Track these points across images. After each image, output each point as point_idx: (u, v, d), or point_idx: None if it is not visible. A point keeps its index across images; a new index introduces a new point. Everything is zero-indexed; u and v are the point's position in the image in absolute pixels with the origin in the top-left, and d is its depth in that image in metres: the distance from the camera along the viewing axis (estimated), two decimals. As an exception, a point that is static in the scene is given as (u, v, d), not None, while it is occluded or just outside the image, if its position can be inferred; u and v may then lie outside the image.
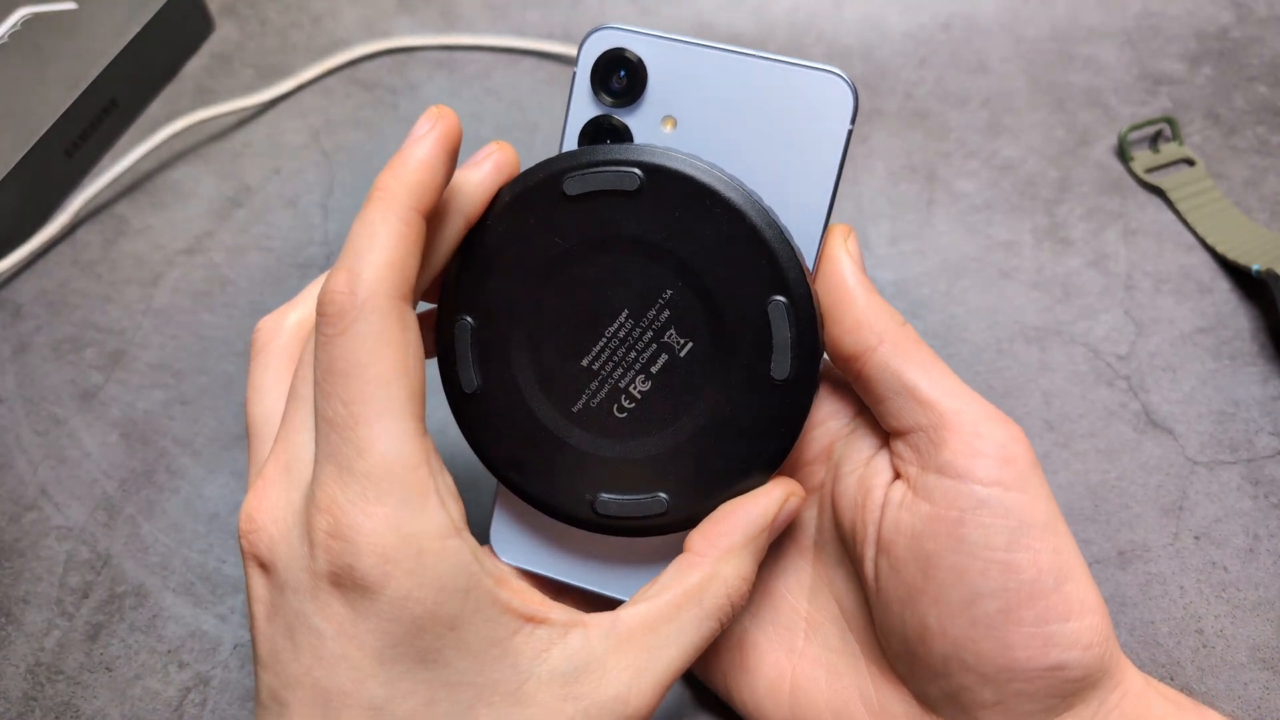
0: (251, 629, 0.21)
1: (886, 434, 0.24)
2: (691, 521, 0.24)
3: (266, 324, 0.23)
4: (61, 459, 0.35)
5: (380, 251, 0.20)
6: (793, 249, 0.23)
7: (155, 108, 0.46)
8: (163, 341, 0.38)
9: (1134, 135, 0.43)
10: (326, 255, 0.41)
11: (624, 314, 0.24)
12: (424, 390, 0.20)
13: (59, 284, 0.40)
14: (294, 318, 0.23)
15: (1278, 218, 0.40)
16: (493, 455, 0.25)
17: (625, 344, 0.24)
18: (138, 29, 0.44)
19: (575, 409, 0.24)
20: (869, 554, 0.23)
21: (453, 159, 0.22)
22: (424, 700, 0.19)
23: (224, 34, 0.49)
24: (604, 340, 0.24)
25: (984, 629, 0.20)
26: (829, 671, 0.24)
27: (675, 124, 0.24)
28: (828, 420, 0.25)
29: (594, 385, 0.24)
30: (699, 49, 0.24)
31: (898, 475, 0.23)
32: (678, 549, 0.24)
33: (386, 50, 0.48)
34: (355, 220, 0.21)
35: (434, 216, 0.22)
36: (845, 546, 0.25)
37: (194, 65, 0.48)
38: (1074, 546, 0.21)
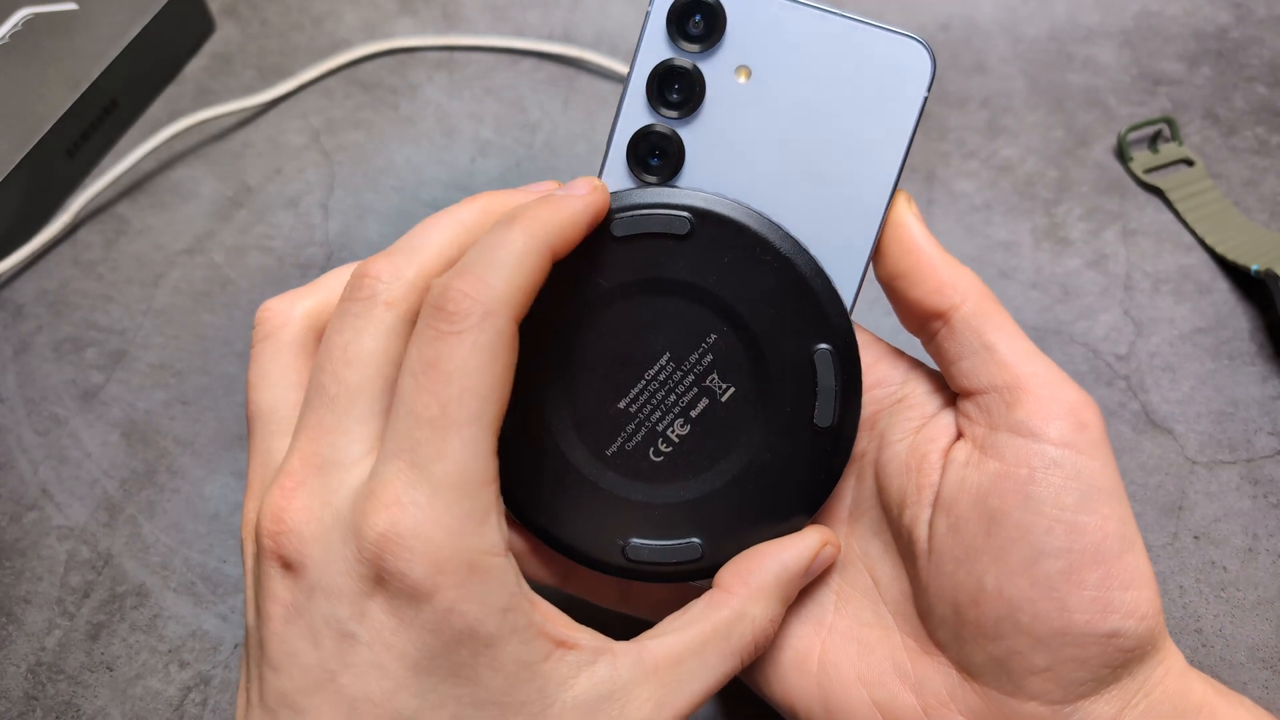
0: (261, 630, 0.20)
1: (951, 396, 0.24)
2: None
3: (274, 308, 0.23)
4: (62, 459, 0.35)
5: (515, 270, 0.20)
6: (838, 296, 0.23)
7: (156, 108, 0.46)
8: (164, 342, 0.38)
9: (1133, 135, 0.43)
10: (327, 255, 0.41)
11: (665, 356, 0.23)
12: (502, 407, 0.20)
13: (60, 284, 0.40)
14: (304, 306, 0.23)
15: (1277, 218, 0.40)
16: (519, 499, 0.24)
17: (665, 387, 0.23)
18: (138, 29, 0.44)
19: (609, 451, 0.24)
20: (924, 515, 0.23)
21: (588, 229, 0.22)
22: (451, 716, 0.19)
23: (225, 34, 0.49)
24: (644, 382, 0.24)
25: (1044, 589, 0.20)
26: (860, 644, 0.24)
27: (750, 74, 0.23)
28: (873, 389, 0.25)
29: (630, 428, 0.24)
30: (773, 1, 0.23)
31: (960, 436, 0.23)
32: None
33: (387, 51, 0.48)
34: (490, 235, 0.20)
35: None
36: (889, 513, 0.24)
37: (195, 66, 0.48)
38: (1134, 520, 0.22)
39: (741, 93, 0.23)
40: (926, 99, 0.23)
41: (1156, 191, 0.41)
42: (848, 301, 0.24)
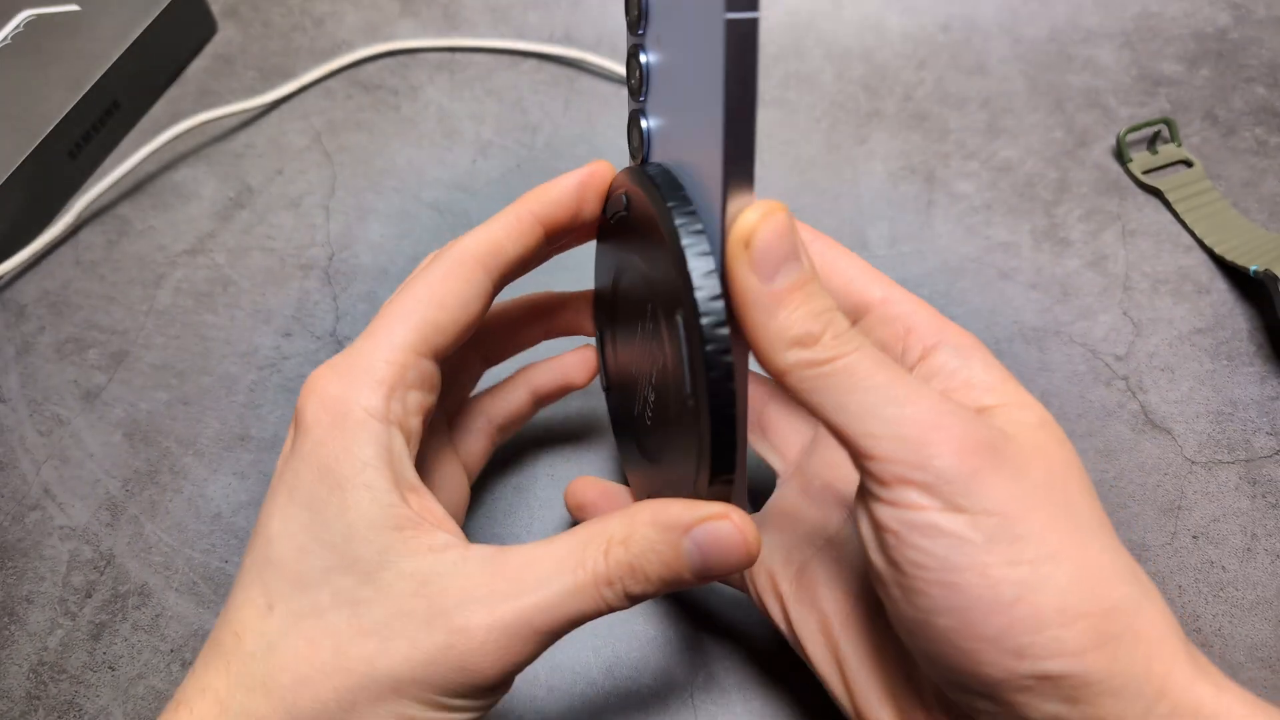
0: None
1: None
2: None
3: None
4: (65, 459, 0.35)
5: (492, 229, 0.25)
6: (684, 257, 0.21)
7: (158, 109, 0.46)
8: (165, 342, 0.38)
9: (1132, 136, 0.43)
10: (329, 256, 0.41)
11: (639, 327, 0.25)
12: (450, 328, 0.24)
13: (62, 285, 0.40)
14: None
15: (1275, 218, 0.40)
16: (619, 442, 0.31)
17: (644, 355, 0.25)
18: (140, 30, 0.45)
19: (635, 412, 0.27)
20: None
21: (588, 198, 0.26)
22: (298, 546, 0.21)
23: (226, 36, 0.49)
24: (636, 352, 0.26)
25: (945, 646, 0.20)
26: (879, 632, 0.24)
27: (660, 43, 0.23)
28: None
29: (639, 393, 0.26)
30: None
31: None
32: None
33: (388, 52, 0.48)
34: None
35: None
36: None
37: (197, 67, 0.48)
38: (1049, 547, 0.19)
39: (661, 65, 0.23)
40: (734, 22, 0.20)
41: (1155, 192, 0.41)
42: (713, 265, 0.21)
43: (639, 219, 0.23)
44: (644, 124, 0.24)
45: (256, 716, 0.21)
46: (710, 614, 0.31)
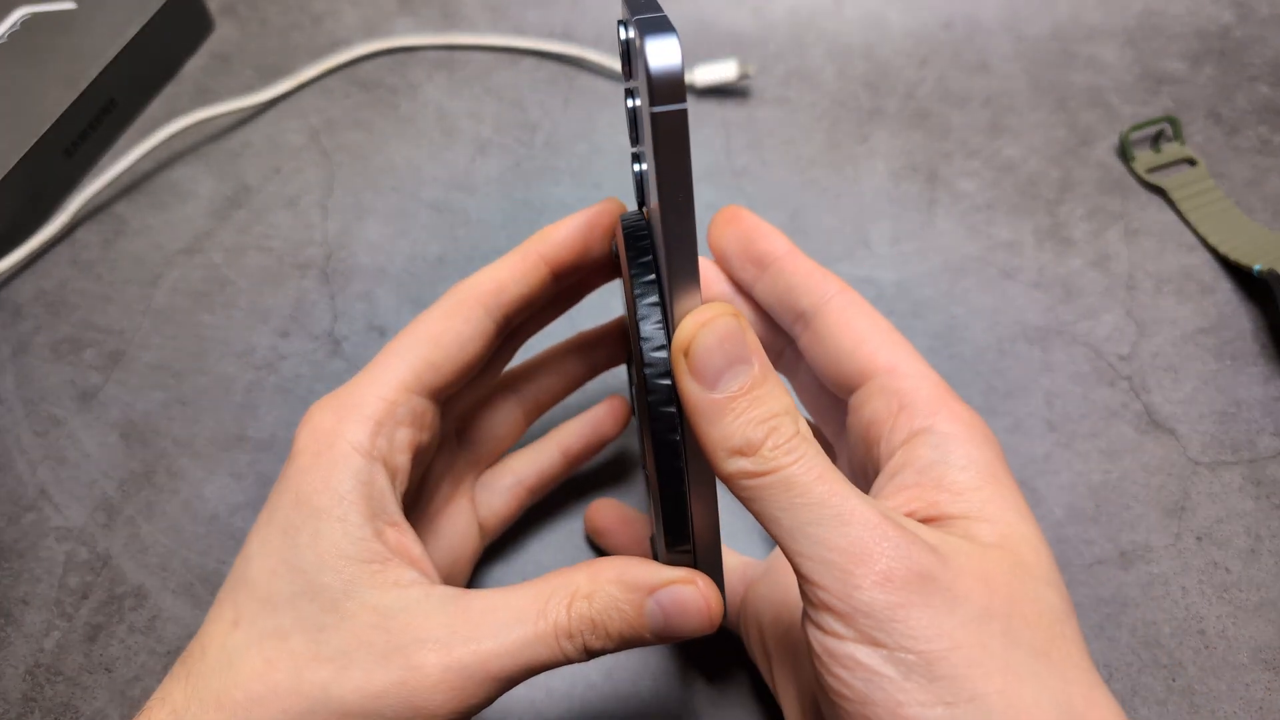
0: None
1: None
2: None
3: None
4: (61, 460, 0.35)
5: (492, 269, 0.25)
6: (641, 331, 0.20)
7: (155, 107, 0.46)
8: (162, 342, 0.38)
9: (1135, 135, 0.42)
10: (326, 255, 0.41)
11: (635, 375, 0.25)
12: (446, 368, 0.24)
13: (58, 284, 0.40)
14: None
15: (1279, 217, 0.40)
16: None
17: (639, 410, 0.25)
18: (137, 29, 0.44)
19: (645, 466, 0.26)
20: None
21: (596, 237, 0.26)
22: (270, 569, 0.22)
23: (224, 34, 0.49)
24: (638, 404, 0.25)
25: None
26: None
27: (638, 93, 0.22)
28: None
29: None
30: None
31: None
32: None
33: (386, 50, 0.48)
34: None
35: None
36: None
37: (193, 65, 0.48)
38: (973, 687, 0.18)
39: (645, 111, 0.22)
40: (660, 115, 0.18)
41: (1159, 191, 0.41)
42: (664, 340, 0.21)
43: (625, 258, 0.22)
44: (637, 169, 0.23)
45: None
46: (708, 659, 0.31)
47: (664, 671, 0.30)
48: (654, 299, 0.20)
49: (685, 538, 0.22)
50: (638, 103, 0.21)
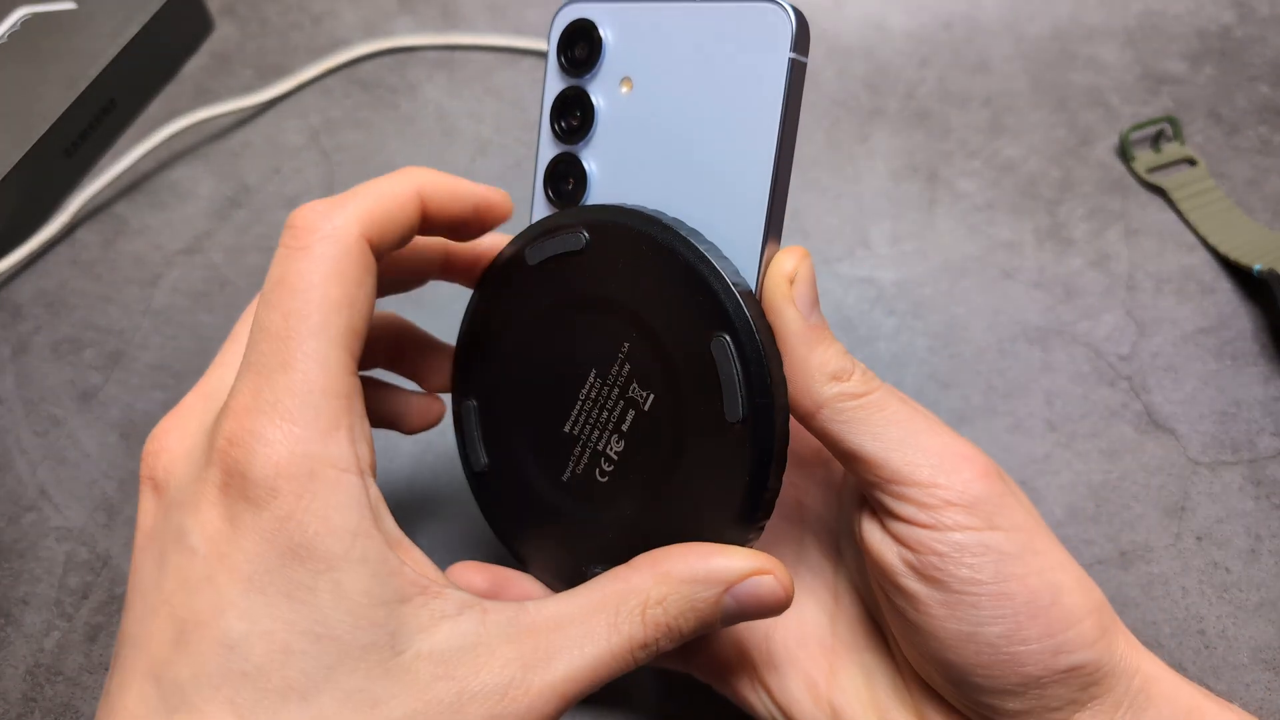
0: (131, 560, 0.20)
1: None
2: None
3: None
4: (61, 460, 0.35)
5: (372, 199, 0.20)
6: (726, 282, 0.21)
7: (154, 108, 0.46)
8: (162, 342, 0.38)
9: (1136, 135, 0.42)
10: (326, 255, 0.41)
11: (592, 374, 0.23)
12: (364, 333, 0.20)
13: (58, 284, 0.40)
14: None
15: (1279, 217, 0.40)
16: (503, 531, 0.25)
17: (598, 404, 0.23)
18: (137, 29, 0.44)
19: (565, 478, 0.24)
20: (876, 590, 0.24)
21: (483, 220, 0.23)
22: (281, 647, 0.17)
23: (223, 34, 0.49)
24: (579, 403, 0.23)
25: (991, 653, 0.21)
26: (864, 670, 0.25)
27: (631, 84, 0.23)
28: None
29: (577, 451, 0.23)
30: (648, 5, 0.23)
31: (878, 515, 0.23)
32: None
33: (386, 50, 0.48)
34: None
35: (426, 227, 0.22)
36: None
37: (193, 65, 0.48)
38: (1059, 558, 0.22)
39: (628, 103, 0.23)
40: (797, 61, 0.21)
41: (1159, 191, 0.41)
42: (749, 285, 0.21)
43: (612, 256, 0.22)
44: (586, 166, 0.24)
45: None
46: (665, 693, 0.31)
47: (665, 672, 0.30)
48: (721, 253, 0.21)
49: (769, 511, 0.21)
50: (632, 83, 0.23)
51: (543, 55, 0.47)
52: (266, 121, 0.45)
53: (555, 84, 0.24)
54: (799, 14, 0.21)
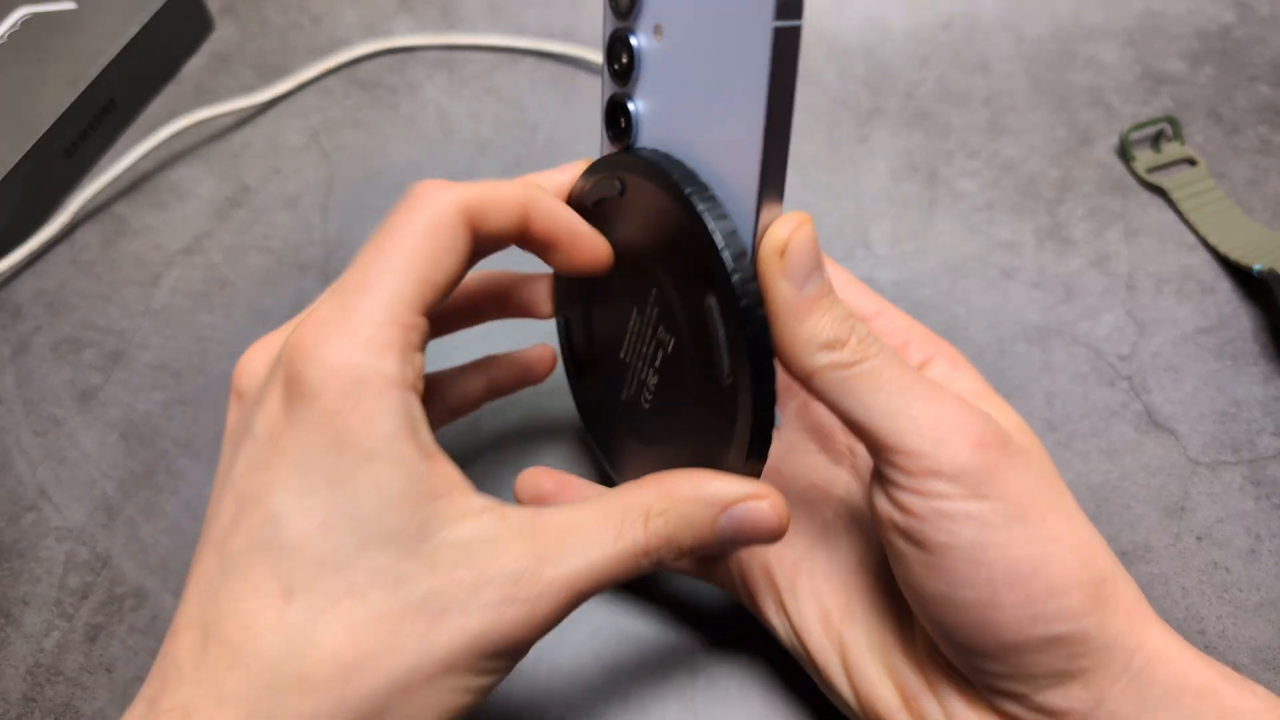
0: None
1: None
2: None
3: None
4: (61, 460, 0.35)
5: (480, 190, 0.23)
6: (716, 247, 0.21)
7: (154, 108, 0.46)
8: (162, 342, 0.38)
9: (1136, 135, 0.42)
10: (326, 255, 0.41)
11: (634, 311, 0.25)
12: (444, 289, 0.22)
13: (58, 284, 0.40)
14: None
15: (1279, 217, 0.40)
16: (588, 425, 0.30)
17: (640, 339, 0.25)
18: (137, 29, 0.44)
19: (623, 398, 0.27)
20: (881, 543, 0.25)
21: (574, 245, 0.25)
22: (320, 524, 0.20)
23: (223, 34, 0.49)
24: (629, 335, 0.26)
25: (966, 616, 0.22)
26: (879, 611, 0.26)
27: (662, 31, 0.24)
28: None
29: (628, 376, 0.26)
30: None
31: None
32: None
33: (386, 50, 0.48)
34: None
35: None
36: None
37: (193, 65, 0.48)
38: (1059, 531, 0.22)
39: (659, 50, 0.24)
40: (783, 28, 0.20)
41: (1159, 191, 0.41)
42: (744, 246, 0.22)
43: (640, 204, 0.23)
44: (632, 107, 0.24)
45: (296, 713, 0.19)
46: (711, 617, 0.31)
47: (665, 672, 0.30)
48: (731, 227, 0.22)
49: (767, 447, 0.22)
50: (658, 38, 0.23)
51: (541, 55, 0.47)
52: (266, 122, 0.45)
53: (609, 25, 0.25)
54: None
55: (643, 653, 0.30)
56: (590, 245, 0.25)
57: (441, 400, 0.30)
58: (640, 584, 0.31)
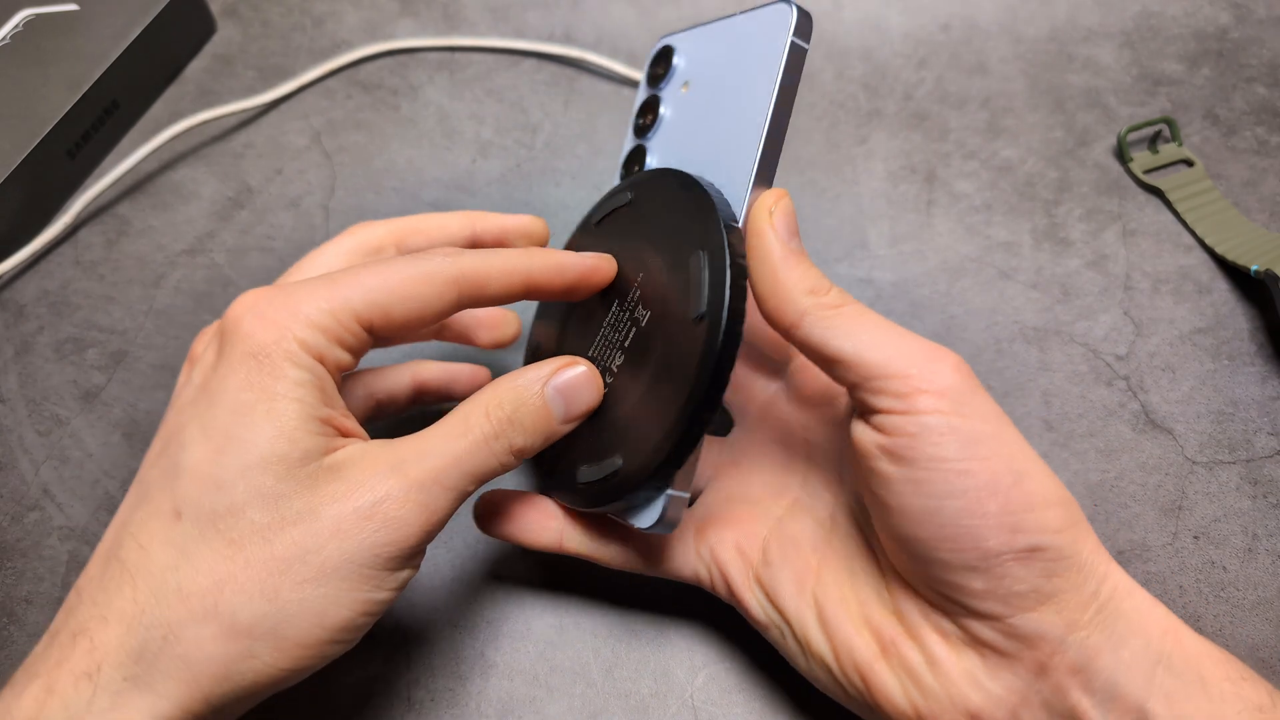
0: None
1: None
2: (643, 472, 0.25)
3: (365, 225, 0.29)
4: (64, 459, 0.35)
5: (486, 259, 0.25)
6: (714, 218, 0.25)
7: (157, 109, 0.46)
8: (164, 342, 0.38)
9: (1133, 136, 0.43)
10: (328, 256, 0.41)
11: (615, 304, 0.27)
12: (398, 324, 0.24)
13: (61, 285, 0.40)
14: (384, 230, 0.29)
15: (1276, 218, 0.40)
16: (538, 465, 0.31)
17: (613, 328, 0.27)
18: (139, 30, 0.45)
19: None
20: (859, 480, 0.26)
21: (582, 290, 0.28)
22: (214, 449, 0.22)
23: (226, 35, 0.49)
24: (601, 329, 0.28)
25: (952, 526, 0.22)
26: (850, 571, 0.26)
27: (689, 85, 0.30)
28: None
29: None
30: (702, 28, 0.30)
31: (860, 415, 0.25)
32: None
33: (388, 52, 0.48)
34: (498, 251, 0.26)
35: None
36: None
37: (196, 66, 0.48)
38: (1028, 452, 0.23)
39: (684, 99, 0.30)
40: (796, 44, 0.26)
41: (1156, 192, 0.41)
42: (735, 215, 0.26)
43: (644, 202, 0.28)
44: (649, 154, 0.31)
45: (172, 622, 0.21)
46: (711, 616, 0.31)
47: (665, 671, 0.30)
48: (717, 189, 0.26)
49: (720, 391, 0.24)
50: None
51: (542, 57, 0.47)
52: (269, 123, 0.45)
53: (642, 93, 0.32)
54: (802, 9, 0.26)
55: (643, 648, 0.31)
56: (600, 268, 0.27)
57: (369, 395, 0.31)
58: (640, 584, 0.31)
